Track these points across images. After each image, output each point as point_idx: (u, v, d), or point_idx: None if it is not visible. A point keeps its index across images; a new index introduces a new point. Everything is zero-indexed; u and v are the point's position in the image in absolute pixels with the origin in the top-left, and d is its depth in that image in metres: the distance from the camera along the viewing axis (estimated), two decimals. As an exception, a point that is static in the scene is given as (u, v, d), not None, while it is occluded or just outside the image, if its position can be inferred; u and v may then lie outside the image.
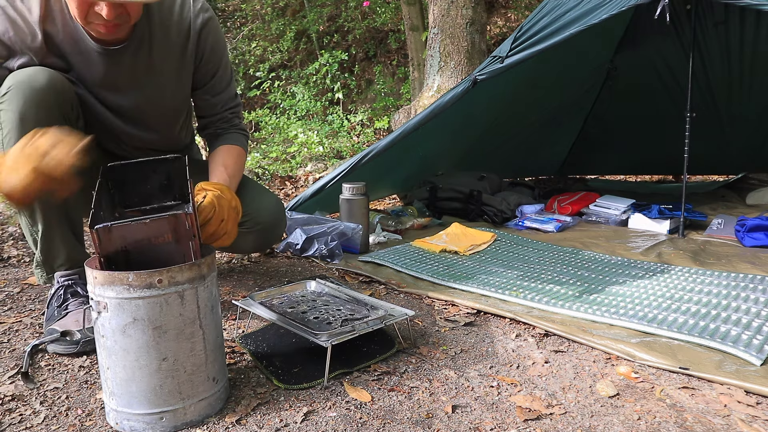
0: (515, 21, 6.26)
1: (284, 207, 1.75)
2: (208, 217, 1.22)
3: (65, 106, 1.34)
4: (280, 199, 1.71)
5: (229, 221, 1.27)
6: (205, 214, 1.22)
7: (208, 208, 1.23)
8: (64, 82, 1.34)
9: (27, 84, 1.27)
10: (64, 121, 1.33)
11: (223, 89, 1.60)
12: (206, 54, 1.53)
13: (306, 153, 4.79)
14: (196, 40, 1.50)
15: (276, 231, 1.70)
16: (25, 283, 1.85)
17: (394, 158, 2.49)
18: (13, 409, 1.08)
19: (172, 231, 1.02)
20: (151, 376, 0.97)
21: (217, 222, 1.24)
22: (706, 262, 1.94)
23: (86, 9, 1.23)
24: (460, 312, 1.55)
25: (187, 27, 1.48)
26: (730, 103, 3.04)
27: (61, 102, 1.33)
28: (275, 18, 7.26)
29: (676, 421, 1.02)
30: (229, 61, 1.62)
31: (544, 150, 3.54)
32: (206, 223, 1.22)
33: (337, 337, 1.16)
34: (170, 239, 1.03)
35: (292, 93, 6.33)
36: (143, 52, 1.43)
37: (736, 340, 1.28)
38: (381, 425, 1.02)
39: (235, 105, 1.65)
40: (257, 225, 1.60)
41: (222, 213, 1.25)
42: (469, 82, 2.25)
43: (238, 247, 1.70)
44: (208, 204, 1.23)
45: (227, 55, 1.61)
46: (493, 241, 2.21)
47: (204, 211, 1.22)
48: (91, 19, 1.25)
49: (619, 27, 2.94)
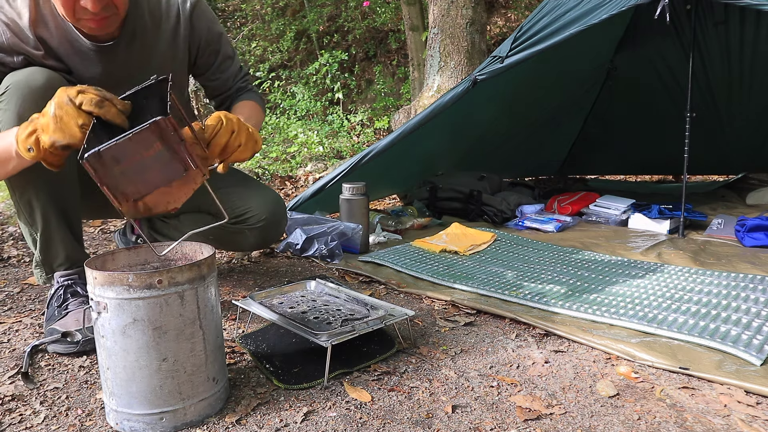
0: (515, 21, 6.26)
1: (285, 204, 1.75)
2: (216, 130, 1.15)
3: None
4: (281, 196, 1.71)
5: (242, 133, 1.18)
6: (212, 128, 1.15)
7: (214, 121, 1.16)
8: (62, 81, 1.34)
9: (24, 83, 1.27)
10: None
11: (230, 65, 1.62)
12: (204, 38, 1.53)
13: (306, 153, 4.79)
14: (188, 26, 1.50)
15: (278, 227, 1.70)
16: (25, 283, 1.85)
17: (394, 158, 2.49)
18: (13, 409, 1.08)
19: (159, 139, 0.97)
20: (151, 377, 0.97)
21: (228, 133, 1.16)
22: (706, 262, 1.94)
23: (72, 5, 1.23)
24: (460, 312, 1.55)
25: (176, 13, 1.48)
26: (730, 103, 3.04)
27: None
28: (275, 18, 7.27)
29: (676, 421, 1.02)
30: (226, 36, 1.63)
31: (544, 150, 3.54)
32: (216, 135, 1.15)
33: (337, 337, 1.16)
34: (161, 147, 0.97)
35: (292, 93, 6.33)
36: (136, 46, 1.43)
37: (736, 340, 1.28)
38: (381, 425, 1.02)
39: (245, 75, 1.66)
40: (259, 221, 1.61)
41: (231, 125, 1.17)
42: (469, 82, 2.25)
43: (239, 245, 1.70)
44: (214, 117, 1.17)
45: (224, 31, 1.61)
46: (493, 241, 2.21)
47: (210, 125, 1.16)
48: (79, 15, 1.25)
49: (619, 27, 2.94)
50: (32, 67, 1.32)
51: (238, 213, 1.61)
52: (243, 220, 1.61)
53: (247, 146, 1.20)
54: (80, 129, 1.03)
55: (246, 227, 1.61)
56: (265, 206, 1.63)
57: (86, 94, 1.03)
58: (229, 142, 1.17)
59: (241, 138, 1.18)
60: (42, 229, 1.38)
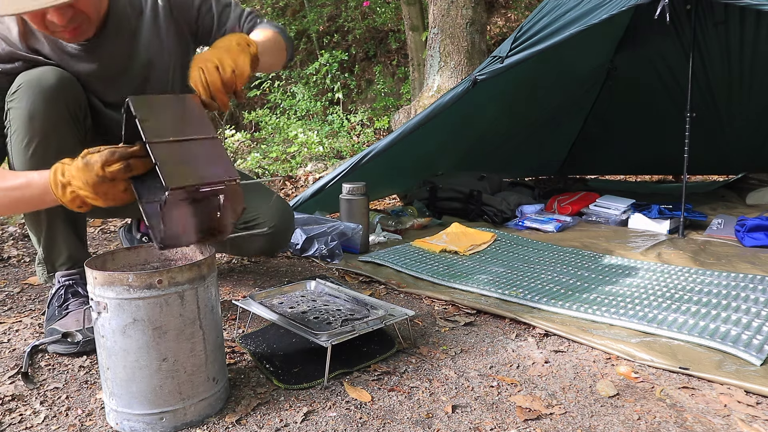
0: (515, 21, 6.26)
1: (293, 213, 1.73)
2: (204, 82, 1.10)
3: (73, 104, 1.35)
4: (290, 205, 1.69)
5: (225, 59, 1.11)
6: (197, 79, 1.10)
7: (195, 77, 1.11)
8: (72, 81, 1.36)
9: (36, 82, 1.29)
10: (72, 118, 1.34)
11: (229, 12, 1.52)
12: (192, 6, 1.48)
13: (306, 153, 4.80)
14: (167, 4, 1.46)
15: (285, 235, 1.68)
16: (25, 283, 1.85)
17: (394, 158, 2.49)
18: (13, 409, 1.08)
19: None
20: (151, 377, 0.97)
21: (214, 72, 1.10)
22: (706, 262, 1.94)
23: (42, 20, 1.21)
24: (460, 312, 1.55)
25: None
26: (730, 103, 3.04)
27: (69, 100, 1.34)
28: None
29: (676, 421, 1.02)
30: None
31: (544, 150, 3.55)
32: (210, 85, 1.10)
33: (337, 337, 1.16)
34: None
35: (292, 93, 6.33)
36: (122, 37, 1.42)
37: (736, 340, 1.28)
38: (381, 425, 1.02)
39: (250, 15, 1.54)
40: (268, 228, 1.59)
41: (208, 63, 1.10)
42: (469, 82, 2.25)
43: (245, 250, 1.69)
44: (193, 72, 1.11)
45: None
46: (493, 241, 2.21)
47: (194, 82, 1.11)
48: (51, 29, 1.24)
49: (619, 27, 2.94)
50: (44, 67, 1.33)
51: (247, 219, 1.59)
52: (251, 226, 1.59)
53: (242, 73, 1.13)
54: (127, 192, 1.02)
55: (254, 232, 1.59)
56: (273, 214, 1.61)
57: (110, 166, 0.99)
58: (223, 77, 1.11)
59: (228, 62, 1.11)
60: (46, 228, 1.39)
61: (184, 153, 1.01)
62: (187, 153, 1.01)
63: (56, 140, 1.31)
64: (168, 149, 0.99)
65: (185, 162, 1.00)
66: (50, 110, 1.29)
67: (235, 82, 1.12)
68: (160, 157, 0.97)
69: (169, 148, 0.99)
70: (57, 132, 1.31)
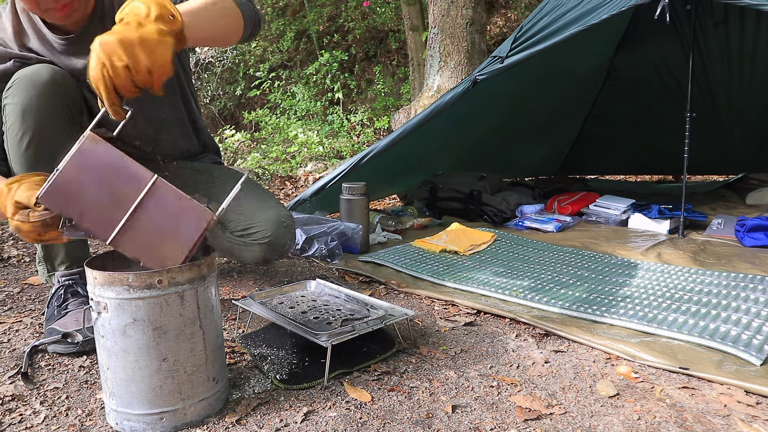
0: (515, 21, 6.26)
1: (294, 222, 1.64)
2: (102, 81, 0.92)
3: (67, 99, 1.36)
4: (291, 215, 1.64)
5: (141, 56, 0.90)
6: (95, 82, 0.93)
7: (96, 72, 0.91)
8: (66, 76, 1.36)
9: (30, 78, 1.31)
10: (67, 113, 1.35)
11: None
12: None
13: (306, 153, 4.80)
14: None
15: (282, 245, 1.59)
16: (25, 283, 1.85)
17: (394, 158, 2.49)
18: (13, 409, 1.08)
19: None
20: (151, 377, 0.97)
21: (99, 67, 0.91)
22: (706, 262, 1.94)
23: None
24: (460, 312, 1.55)
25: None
26: (730, 103, 3.04)
27: (63, 95, 1.35)
28: (275, 18, 7.26)
29: (676, 421, 1.02)
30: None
31: (544, 150, 3.55)
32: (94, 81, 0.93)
33: (337, 337, 1.16)
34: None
35: (292, 93, 6.33)
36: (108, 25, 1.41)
37: (736, 340, 1.28)
38: (381, 425, 1.02)
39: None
40: (264, 237, 1.53)
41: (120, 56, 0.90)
42: (469, 82, 2.25)
43: (242, 257, 1.67)
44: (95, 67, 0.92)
45: None
46: (493, 241, 2.21)
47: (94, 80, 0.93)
48: (45, 6, 1.26)
49: (619, 27, 2.94)
50: (39, 64, 1.35)
51: (244, 226, 1.56)
52: (248, 234, 1.57)
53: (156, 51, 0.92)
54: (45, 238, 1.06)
55: (250, 241, 1.57)
56: (271, 223, 1.57)
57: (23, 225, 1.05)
58: (136, 80, 0.92)
59: (142, 59, 0.90)
60: None
61: (143, 232, 0.95)
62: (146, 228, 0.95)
63: (50, 134, 1.32)
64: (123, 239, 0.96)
65: (156, 244, 0.97)
66: (43, 105, 1.31)
67: (151, 84, 0.93)
68: (129, 253, 0.98)
69: (122, 237, 0.96)
70: (51, 126, 1.33)
